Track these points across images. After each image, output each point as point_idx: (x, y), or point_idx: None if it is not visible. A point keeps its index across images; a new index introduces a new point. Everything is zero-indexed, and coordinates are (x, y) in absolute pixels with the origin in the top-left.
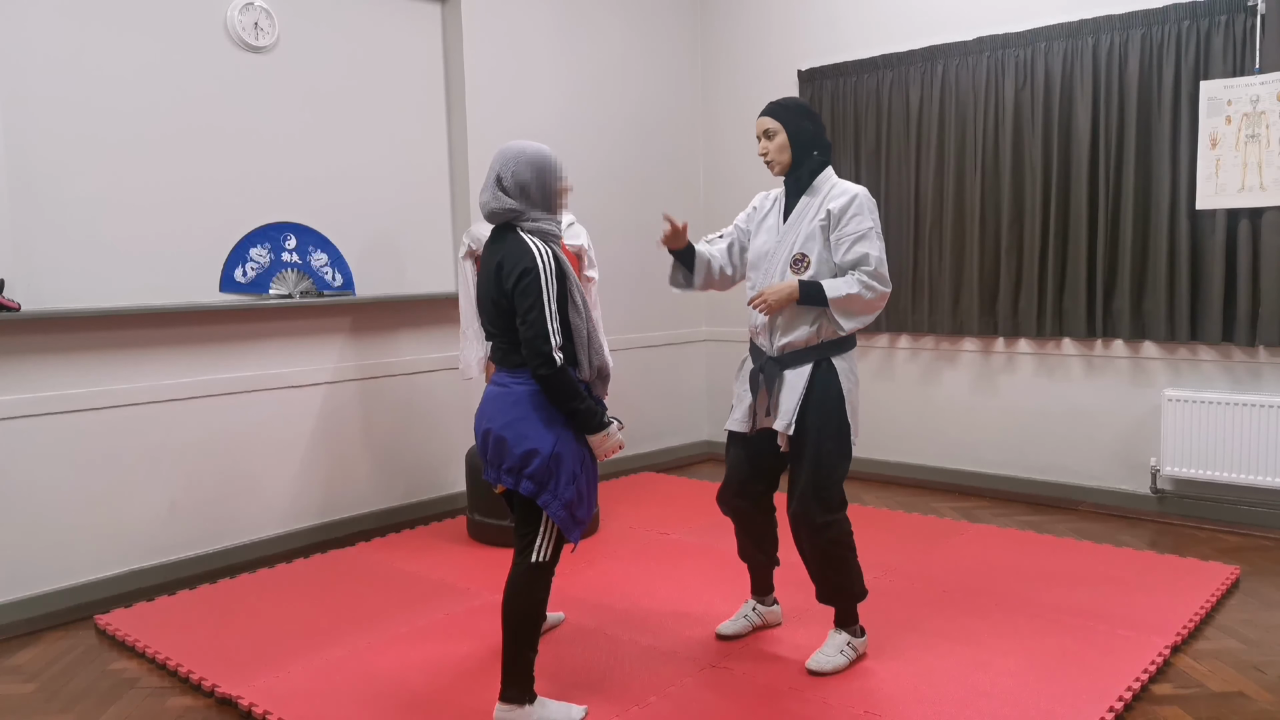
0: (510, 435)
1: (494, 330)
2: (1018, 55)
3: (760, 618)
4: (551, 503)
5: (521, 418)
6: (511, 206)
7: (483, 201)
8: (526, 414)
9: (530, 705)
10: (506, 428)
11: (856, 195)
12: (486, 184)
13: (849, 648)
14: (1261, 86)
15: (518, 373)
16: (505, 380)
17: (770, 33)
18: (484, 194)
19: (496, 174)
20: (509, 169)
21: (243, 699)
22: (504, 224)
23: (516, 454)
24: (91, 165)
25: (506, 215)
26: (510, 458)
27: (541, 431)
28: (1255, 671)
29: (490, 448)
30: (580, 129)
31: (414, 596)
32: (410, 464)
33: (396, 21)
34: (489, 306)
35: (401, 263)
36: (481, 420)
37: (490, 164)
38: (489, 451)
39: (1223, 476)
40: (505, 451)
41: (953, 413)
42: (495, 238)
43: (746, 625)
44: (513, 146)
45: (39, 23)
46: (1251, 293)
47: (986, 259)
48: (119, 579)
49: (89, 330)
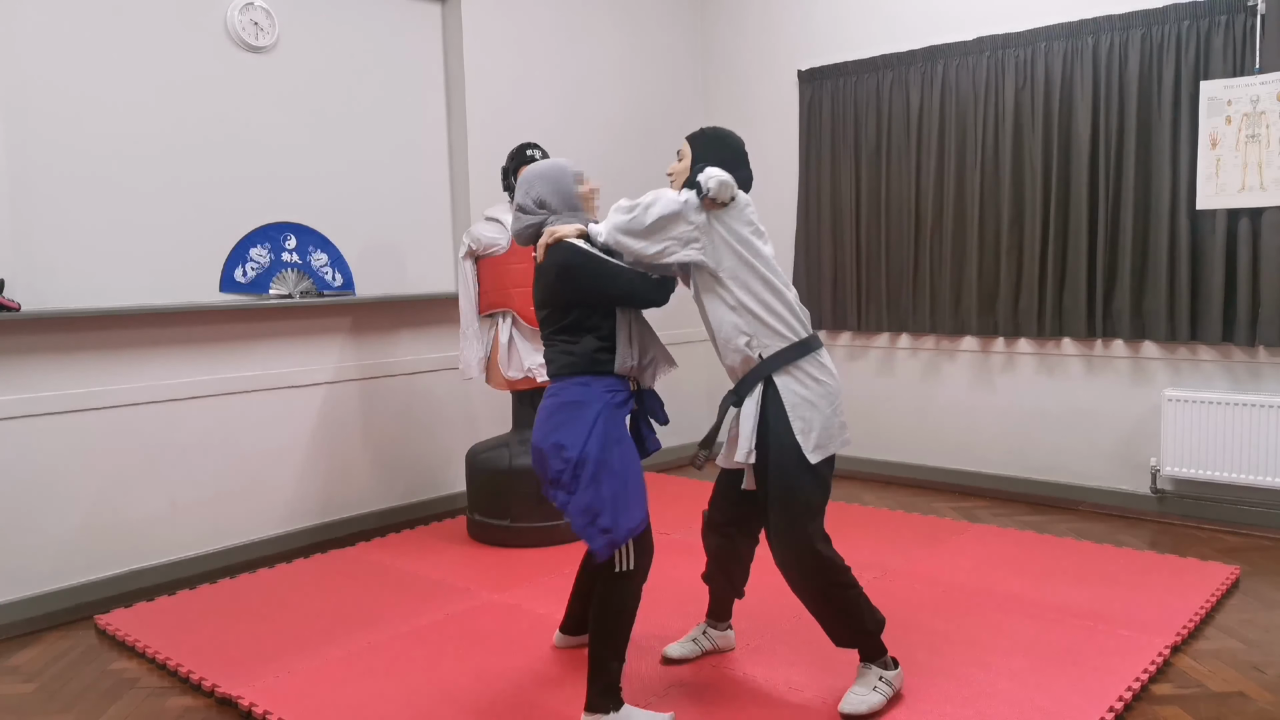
0: (548, 446)
1: (545, 340)
2: (1018, 55)
3: (711, 643)
4: (571, 510)
5: (556, 430)
6: (534, 220)
7: (514, 233)
8: (561, 426)
9: (616, 714)
10: (544, 440)
11: None
12: (513, 214)
13: (882, 684)
14: (1261, 86)
15: (559, 384)
16: (549, 392)
17: (770, 33)
18: (512, 228)
19: (516, 203)
20: (525, 193)
21: (243, 699)
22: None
23: (555, 464)
24: (91, 165)
25: (532, 229)
26: (551, 469)
27: (571, 437)
28: (1255, 671)
29: (538, 463)
30: (580, 129)
31: (414, 596)
32: (410, 464)
33: (396, 21)
34: (536, 313)
35: (401, 263)
36: (533, 436)
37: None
38: (538, 467)
39: (1223, 476)
40: (547, 464)
41: (953, 412)
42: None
43: (695, 650)
44: (528, 171)
45: (39, 23)
46: (1251, 293)
47: (986, 259)
48: (119, 579)
49: (89, 330)
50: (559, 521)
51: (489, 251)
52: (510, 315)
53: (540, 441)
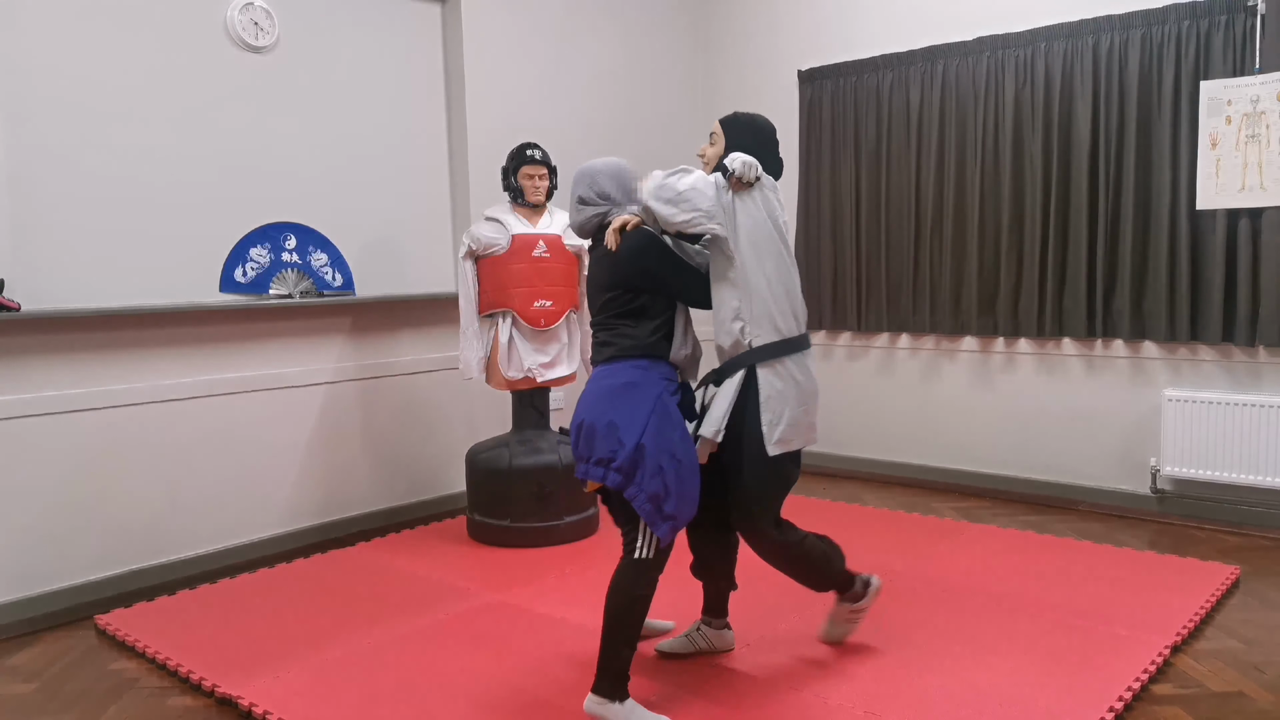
0: (601, 425)
1: (602, 324)
2: (1018, 55)
3: (706, 641)
4: (637, 495)
5: (613, 409)
6: (597, 211)
7: (574, 223)
8: (618, 405)
9: (620, 705)
10: (599, 417)
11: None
12: (570, 209)
13: (853, 614)
14: (1261, 86)
15: (615, 365)
16: (601, 374)
17: (770, 33)
18: (572, 219)
19: (578, 195)
20: (587, 187)
21: (243, 699)
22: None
23: (606, 445)
24: (91, 165)
25: (596, 218)
26: (599, 449)
27: (630, 423)
28: (1255, 671)
29: (582, 439)
30: (580, 129)
31: (414, 596)
32: (410, 464)
33: (396, 21)
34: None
35: (401, 263)
36: (577, 414)
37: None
38: (580, 444)
39: (1223, 476)
40: (595, 443)
41: (953, 413)
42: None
43: (688, 645)
44: (587, 165)
45: (39, 23)
46: (1251, 293)
47: (986, 259)
48: (119, 579)
49: (89, 330)
50: (559, 521)
51: (489, 251)
52: (510, 315)
53: (593, 417)
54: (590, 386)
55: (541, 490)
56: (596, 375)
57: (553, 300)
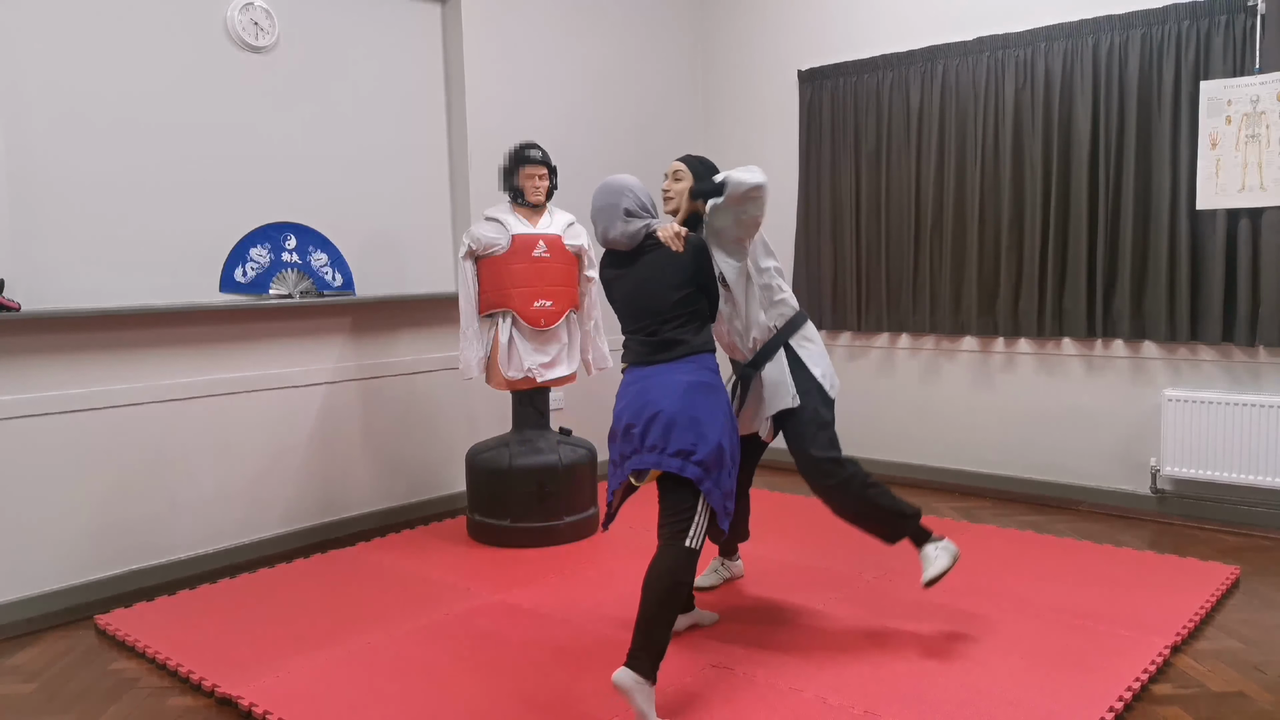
0: (683, 419)
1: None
2: (1018, 55)
3: (729, 571)
4: (714, 491)
5: (694, 404)
6: (644, 221)
7: (614, 236)
8: (699, 402)
9: (651, 687)
10: (680, 412)
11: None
12: (611, 219)
13: (941, 550)
14: (1261, 86)
15: (685, 364)
16: (672, 370)
17: (770, 33)
18: (615, 229)
19: (624, 208)
20: (630, 198)
21: (243, 699)
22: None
23: (688, 438)
24: (92, 165)
25: (643, 231)
26: (680, 441)
27: (712, 421)
28: (1255, 671)
29: (656, 430)
30: (580, 129)
31: (414, 596)
32: (410, 464)
33: (396, 21)
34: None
35: (401, 263)
36: (640, 405)
37: (598, 207)
38: (652, 434)
39: (1223, 476)
40: (674, 435)
41: (953, 412)
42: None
43: (716, 579)
44: (617, 181)
45: (39, 22)
46: (1251, 293)
47: (986, 259)
48: (119, 579)
49: (89, 330)
50: (559, 521)
51: (489, 251)
52: (510, 315)
53: (672, 409)
54: (659, 379)
55: (541, 490)
56: (665, 370)
57: (553, 300)
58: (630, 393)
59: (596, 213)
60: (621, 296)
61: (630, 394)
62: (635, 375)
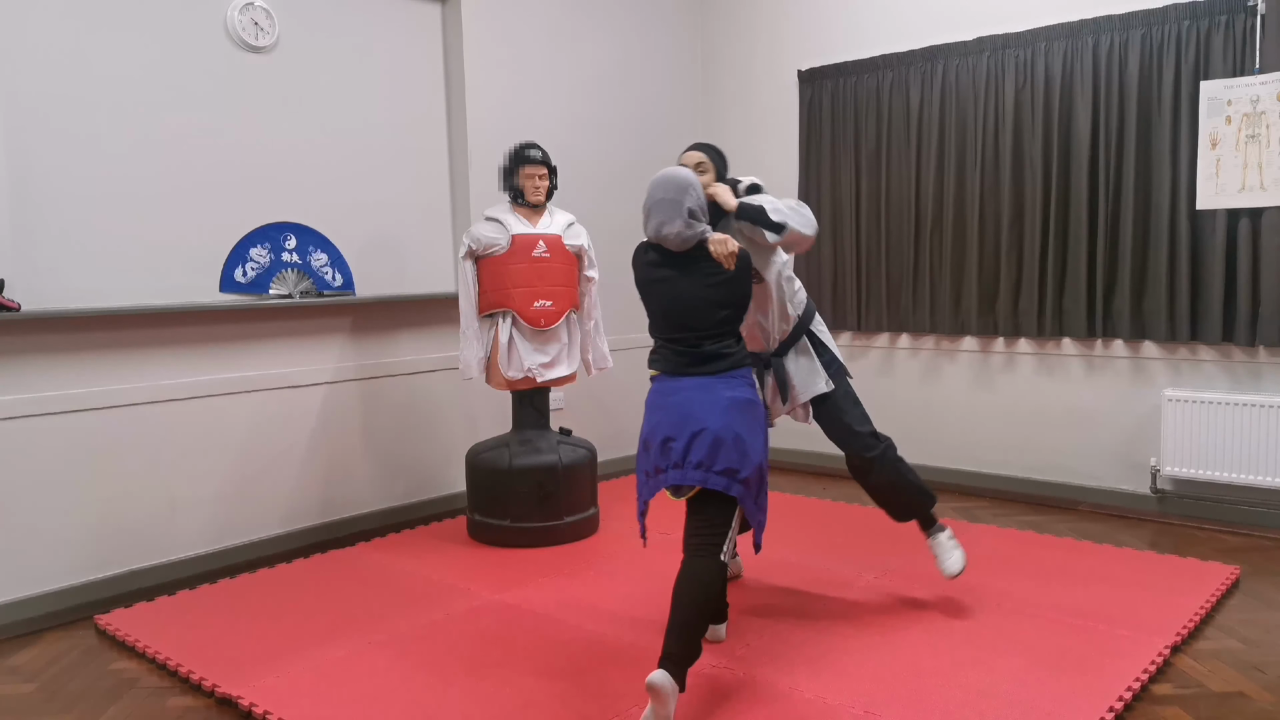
0: (730, 438)
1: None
2: (1018, 55)
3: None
4: (756, 513)
5: (740, 423)
6: (702, 229)
7: (673, 233)
8: (744, 421)
9: (680, 694)
10: (726, 430)
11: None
12: (670, 216)
13: (950, 541)
14: (1261, 86)
15: (726, 379)
16: (717, 384)
17: (770, 33)
18: (672, 226)
19: (687, 208)
20: (694, 198)
21: (243, 699)
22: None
23: (734, 457)
24: (92, 165)
25: (696, 239)
26: (726, 460)
27: (756, 441)
28: (1255, 671)
29: (700, 447)
30: (580, 129)
31: (414, 596)
32: (410, 464)
33: (396, 21)
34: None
35: (401, 263)
36: (681, 419)
37: (663, 198)
38: (696, 451)
39: (1223, 476)
40: (721, 453)
41: (953, 412)
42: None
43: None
44: (678, 176)
45: (39, 22)
46: (1251, 293)
47: (986, 259)
48: (119, 579)
49: (89, 330)
50: (559, 521)
51: (489, 251)
52: (510, 315)
53: (721, 429)
54: (701, 394)
55: (541, 490)
56: (706, 384)
57: (553, 300)
58: (669, 405)
59: (655, 205)
60: (660, 301)
61: (669, 406)
62: (671, 386)
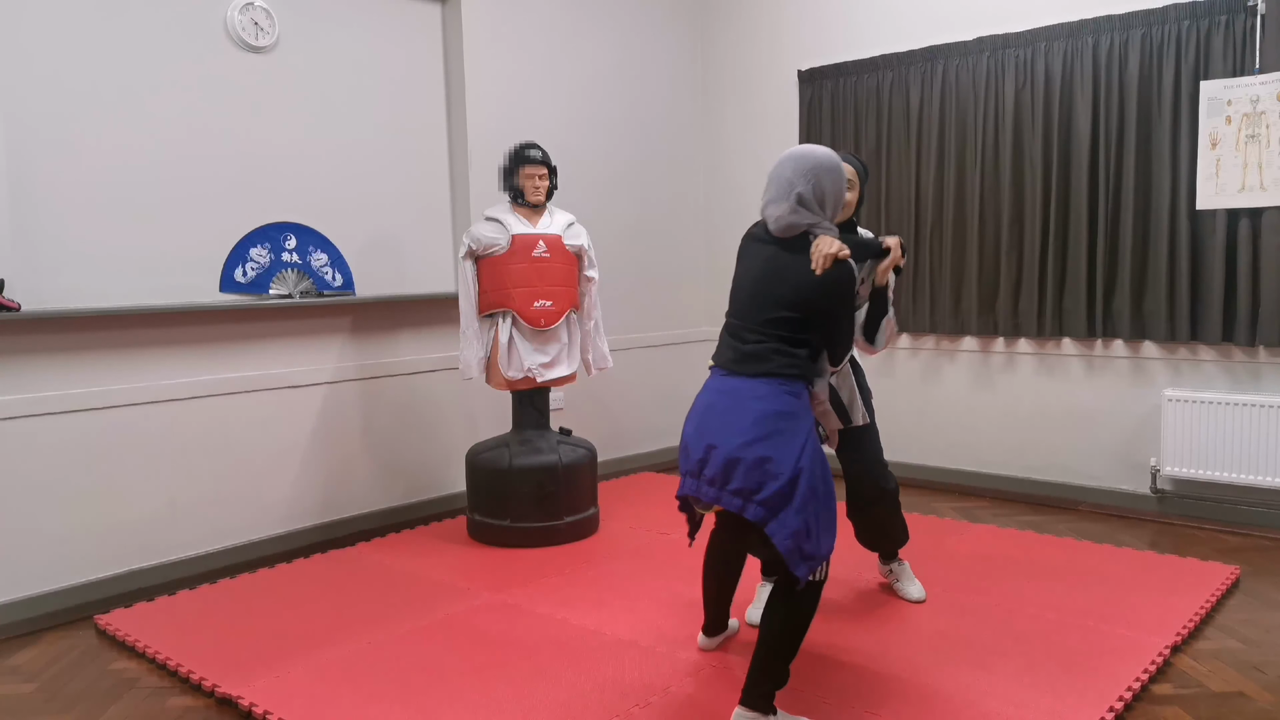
0: (749, 458)
1: (761, 333)
2: (1018, 55)
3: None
4: (778, 532)
5: (762, 437)
6: (812, 221)
7: (776, 215)
8: (768, 433)
9: (773, 716)
10: (744, 449)
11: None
12: (778, 196)
13: (910, 571)
14: (1261, 86)
15: (767, 385)
16: (750, 391)
17: (770, 33)
18: (777, 207)
19: (797, 190)
20: (808, 181)
21: (243, 699)
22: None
23: (753, 477)
24: (91, 165)
25: (802, 228)
26: (742, 479)
27: (783, 453)
28: (1255, 671)
29: (717, 467)
30: (580, 129)
31: (414, 596)
32: (410, 464)
33: (396, 21)
34: (767, 306)
35: (401, 263)
36: (704, 432)
37: (779, 174)
38: (711, 466)
39: (1223, 476)
40: (738, 472)
41: (953, 412)
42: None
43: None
44: (809, 155)
45: (39, 22)
46: (1251, 293)
47: (986, 259)
48: (119, 579)
49: (89, 330)
50: (559, 521)
51: (489, 251)
52: (510, 315)
53: (737, 449)
54: (729, 401)
55: (541, 490)
56: (741, 387)
57: (553, 300)
58: (700, 405)
59: (773, 178)
60: (742, 274)
61: (700, 407)
62: (713, 383)
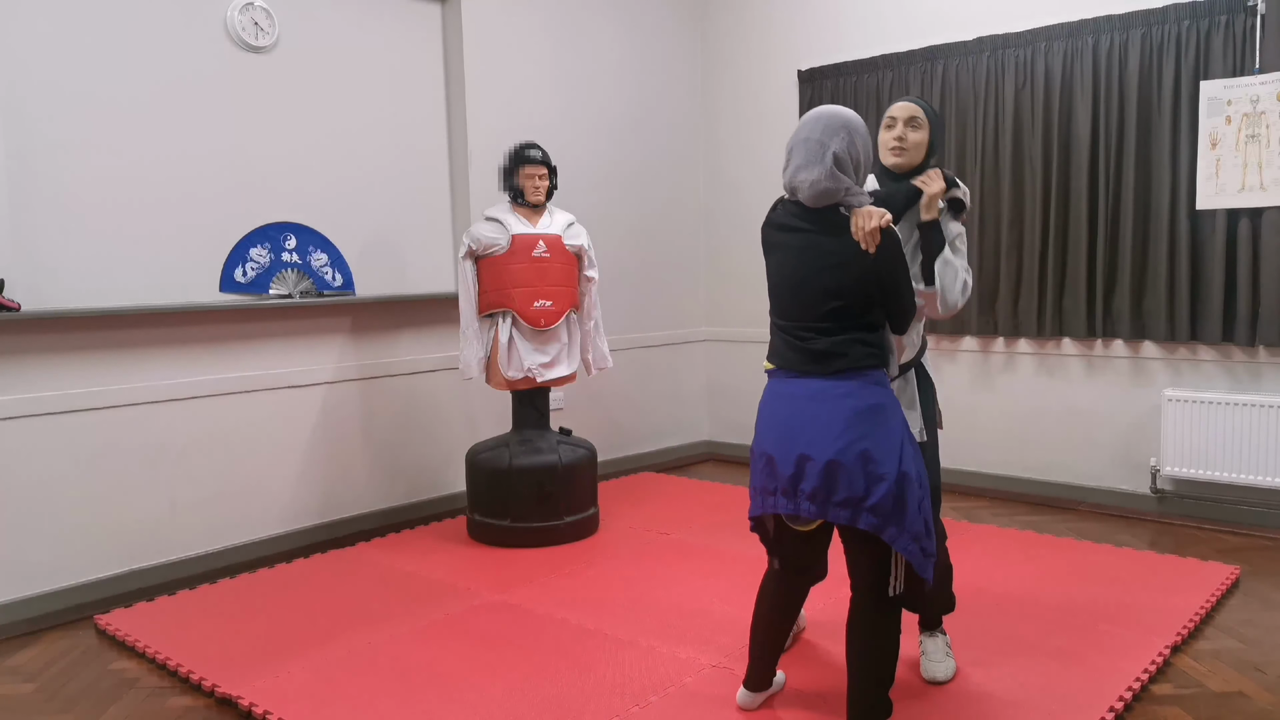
0: (850, 460)
1: (821, 328)
2: (1018, 55)
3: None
4: (899, 537)
5: (860, 438)
6: (847, 185)
7: (810, 180)
8: (866, 433)
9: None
10: (845, 453)
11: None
12: (809, 159)
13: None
14: (1261, 86)
15: (845, 382)
16: (823, 391)
17: (770, 33)
18: (809, 171)
19: (832, 150)
20: (841, 141)
21: (243, 699)
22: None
23: (858, 484)
24: (91, 165)
25: (838, 195)
26: (848, 488)
27: (885, 452)
28: (1255, 671)
29: (812, 476)
30: (580, 129)
31: (414, 596)
32: (410, 464)
33: (396, 21)
34: (816, 300)
35: (401, 263)
36: (792, 442)
37: (806, 136)
38: (808, 480)
39: (1223, 476)
40: (841, 480)
41: (953, 413)
42: (811, 218)
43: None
44: (835, 113)
45: (39, 22)
46: (1251, 293)
47: (986, 259)
48: (119, 579)
49: (89, 330)
50: (559, 521)
51: (489, 251)
52: (510, 315)
53: (838, 454)
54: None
55: (541, 490)
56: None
57: (553, 300)
58: (777, 415)
59: (797, 143)
60: (777, 270)
61: (777, 417)
62: (783, 390)
